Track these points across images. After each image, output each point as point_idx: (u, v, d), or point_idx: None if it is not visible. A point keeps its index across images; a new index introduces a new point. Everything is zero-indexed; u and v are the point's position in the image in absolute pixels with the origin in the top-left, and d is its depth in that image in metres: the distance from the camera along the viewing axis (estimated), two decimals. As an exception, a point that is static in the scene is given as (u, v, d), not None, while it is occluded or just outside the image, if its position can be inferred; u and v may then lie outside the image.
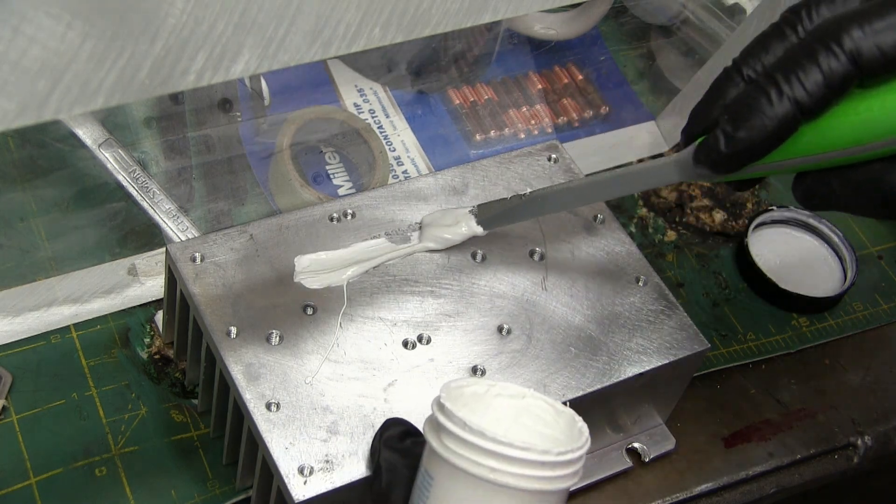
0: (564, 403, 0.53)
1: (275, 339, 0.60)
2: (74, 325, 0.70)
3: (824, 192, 0.55)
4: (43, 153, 0.74)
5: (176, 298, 0.64)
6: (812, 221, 0.85)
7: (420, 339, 0.62)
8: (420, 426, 0.59)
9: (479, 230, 0.66)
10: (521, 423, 0.51)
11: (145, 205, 0.72)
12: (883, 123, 0.52)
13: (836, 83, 0.50)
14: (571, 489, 0.51)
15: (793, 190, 0.56)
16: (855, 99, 0.51)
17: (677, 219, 0.84)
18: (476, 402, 0.51)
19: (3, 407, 0.65)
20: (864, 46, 0.50)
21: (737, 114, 0.52)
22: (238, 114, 0.78)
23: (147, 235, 0.73)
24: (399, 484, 0.53)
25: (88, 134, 0.72)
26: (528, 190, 0.65)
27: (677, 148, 0.88)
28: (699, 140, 0.54)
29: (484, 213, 0.66)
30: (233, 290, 0.62)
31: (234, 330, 0.60)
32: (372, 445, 0.55)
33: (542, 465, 0.47)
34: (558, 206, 0.66)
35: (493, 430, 0.47)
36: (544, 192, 0.65)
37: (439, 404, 0.49)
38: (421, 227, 0.67)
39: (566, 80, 0.90)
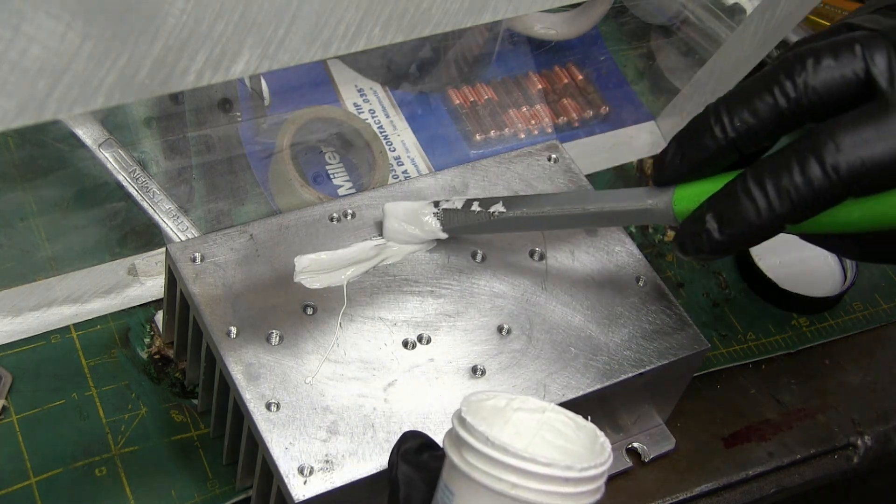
0: (564, 404, 0.53)
1: (275, 339, 0.60)
2: (74, 325, 0.70)
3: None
4: (43, 153, 0.74)
5: (176, 298, 0.64)
6: (812, 221, 0.85)
7: (420, 339, 0.62)
8: (420, 426, 0.59)
9: (443, 236, 0.65)
10: (542, 438, 0.51)
11: (145, 205, 0.72)
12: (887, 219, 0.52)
13: (825, 201, 0.51)
14: None
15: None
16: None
17: (677, 219, 0.84)
18: (496, 416, 0.51)
19: (3, 407, 0.65)
20: (858, 172, 0.50)
21: (722, 216, 0.53)
22: (238, 114, 0.78)
23: (147, 235, 0.73)
24: (417, 499, 0.52)
25: (88, 134, 0.72)
26: (500, 208, 0.63)
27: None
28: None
29: (449, 221, 0.65)
30: (233, 290, 0.62)
31: (234, 330, 0.60)
32: (389, 459, 0.54)
33: (566, 480, 0.47)
34: (526, 228, 0.65)
35: (515, 445, 0.46)
36: (514, 216, 0.63)
37: (460, 418, 0.48)
38: (384, 214, 0.65)
39: (566, 80, 0.90)
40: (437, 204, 0.65)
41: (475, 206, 0.64)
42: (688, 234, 0.54)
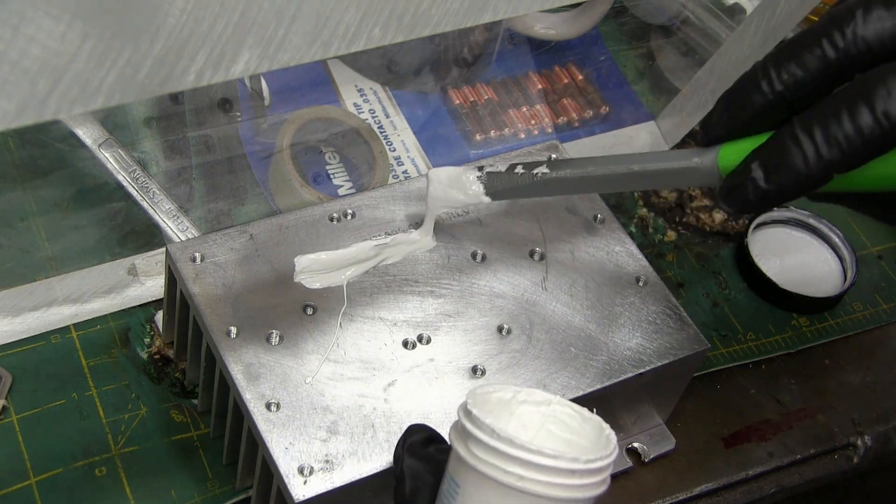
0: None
1: (275, 339, 0.60)
2: (74, 325, 0.70)
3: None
4: (43, 153, 0.74)
5: (176, 298, 0.64)
6: (812, 221, 0.85)
7: (420, 339, 0.62)
8: (422, 426, 0.59)
9: (487, 200, 0.63)
10: (548, 431, 0.51)
11: (145, 205, 0.72)
12: None
13: (875, 149, 0.49)
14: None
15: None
16: None
17: (677, 219, 0.84)
18: (502, 409, 0.51)
19: (3, 407, 0.65)
20: None
21: (768, 164, 0.51)
22: (238, 114, 0.78)
23: (147, 235, 0.73)
24: (423, 491, 0.52)
25: (88, 134, 0.72)
26: (543, 169, 0.61)
27: (678, 147, 0.88)
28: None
29: (493, 185, 0.63)
30: (233, 290, 0.62)
31: (234, 330, 0.60)
32: (395, 452, 0.54)
33: (572, 472, 0.47)
34: (571, 191, 0.63)
35: (521, 437, 0.46)
36: (558, 177, 0.61)
37: (466, 411, 0.48)
38: (428, 180, 0.64)
39: (566, 80, 0.90)
40: (480, 168, 0.64)
41: (519, 169, 0.62)
42: (734, 187, 0.53)
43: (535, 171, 0.61)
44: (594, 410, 0.51)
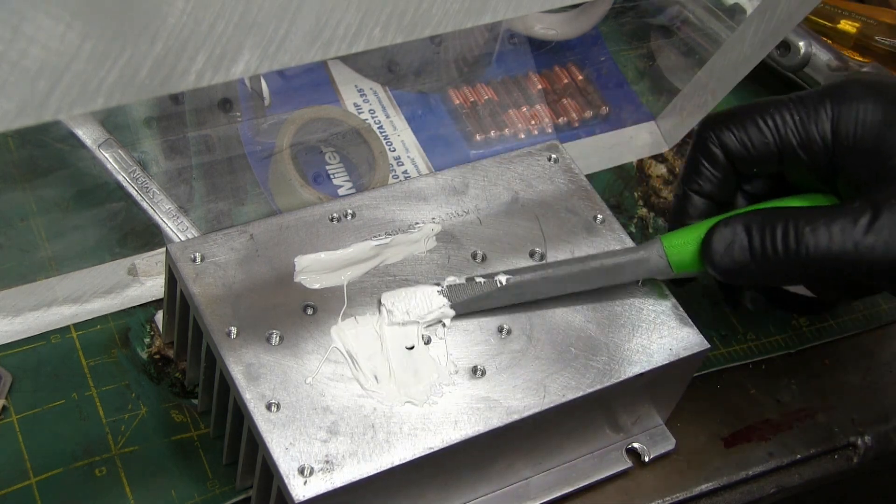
0: (564, 405, 0.52)
1: (275, 340, 0.60)
2: (74, 325, 0.70)
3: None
4: (43, 153, 0.74)
5: (176, 298, 0.64)
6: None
7: (424, 341, 0.62)
8: (420, 426, 0.58)
9: (451, 313, 0.63)
10: None
11: (145, 205, 0.72)
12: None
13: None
14: (570, 491, 0.50)
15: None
16: None
17: (677, 219, 0.84)
18: None
19: (3, 407, 0.65)
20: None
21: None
22: (238, 114, 0.78)
23: (147, 235, 0.73)
24: None
25: (88, 134, 0.72)
26: (502, 277, 0.63)
27: (678, 147, 0.88)
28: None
29: (456, 297, 0.63)
30: (233, 290, 0.62)
31: (234, 330, 0.60)
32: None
33: None
34: (532, 296, 0.64)
35: None
36: (520, 281, 0.63)
37: None
38: (381, 305, 0.62)
39: (566, 81, 0.90)
40: (437, 284, 0.63)
41: (478, 279, 0.63)
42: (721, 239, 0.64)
43: (495, 278, 0.63)
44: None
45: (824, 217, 0.61)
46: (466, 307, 0.63)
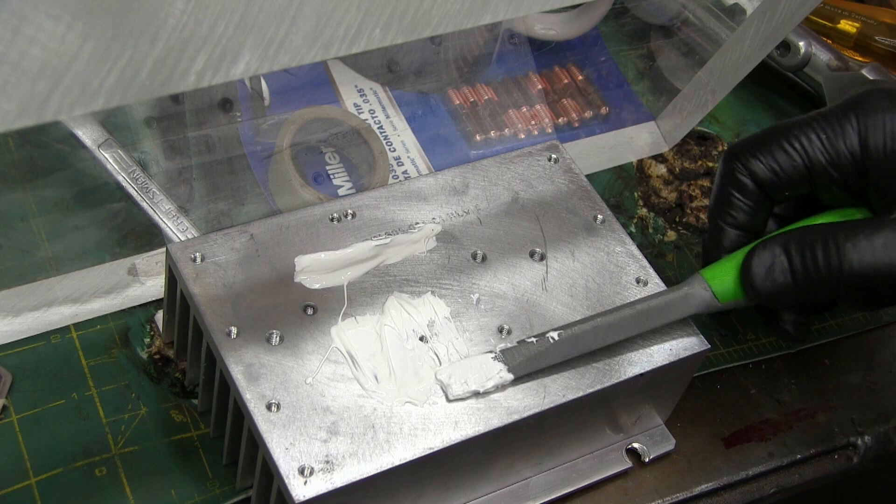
0: (564, 405, 0.52)
1: (275, 340, 0.60)
2: (74, 325, 0.70)
3: None
4: (43, 154, 0.74)
5: (176, 298, 0.64)
6: (812, 221, 0.85)
7: (420, 339, 0.62)
8: (421, 427, 0.59)
9: (509, 377, 0.61)
10: None
11: (145, 205, 0.72)
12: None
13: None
14: (570, 491, 0.49)
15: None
16: None
17: (677, 219, 0.84)
18: None
19: (4, 407, 0.65)
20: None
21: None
22: (238, 114, 0.78)
23: (147, 235, 0.73)
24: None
25: (88, 134, 0.72)
26: (555, 334, 0.62)
27: (678, 148, 0.88)
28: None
29: (511, 360, 0.62)
30: (233, 290, 0.62)
31: (234, 330, 0.60)
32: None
33: None
34: (585, 347, 0.63)
35: None
36: (572, 335, 0.62)
37: None
38: (441, 383, 0.61)
39: (566, 81, 0.90)
40: (490, 351, 0.62)
41: (530, 339, 0.62)
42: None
43: (547, 336, 0.62)
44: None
45: (864, 231, 0.60)
46: (524, 368, 0.61)
